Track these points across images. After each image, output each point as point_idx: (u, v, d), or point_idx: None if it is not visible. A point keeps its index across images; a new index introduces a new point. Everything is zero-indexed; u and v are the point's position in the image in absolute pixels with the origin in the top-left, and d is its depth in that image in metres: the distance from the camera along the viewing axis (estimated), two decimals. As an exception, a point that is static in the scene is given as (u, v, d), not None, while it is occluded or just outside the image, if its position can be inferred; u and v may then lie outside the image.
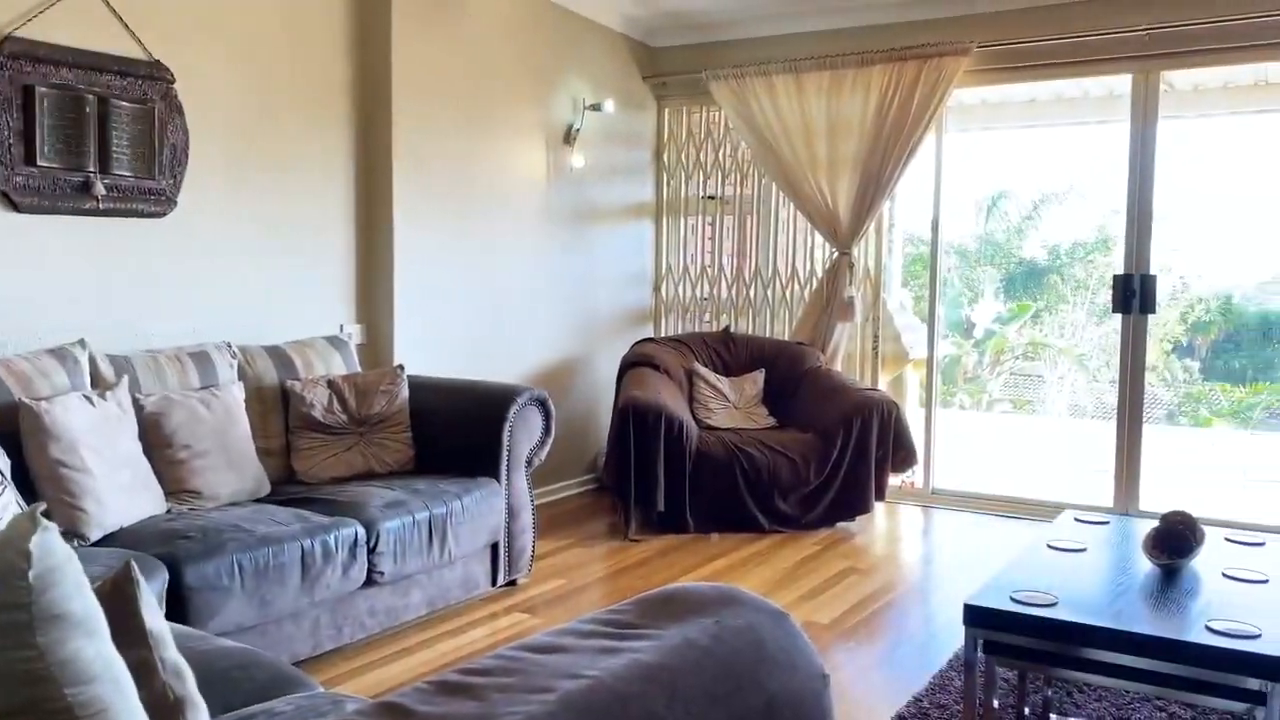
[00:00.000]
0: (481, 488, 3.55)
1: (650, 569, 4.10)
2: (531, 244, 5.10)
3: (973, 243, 19.80)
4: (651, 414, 4.49)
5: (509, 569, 3.72)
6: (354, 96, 4.25)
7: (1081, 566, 2.54)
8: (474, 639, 3.32)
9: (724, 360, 5.41)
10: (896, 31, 5.23)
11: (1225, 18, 4.49)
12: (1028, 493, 6.20)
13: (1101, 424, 13.60)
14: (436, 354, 4.52)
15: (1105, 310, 17.24)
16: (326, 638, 3.05)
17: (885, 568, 4.21)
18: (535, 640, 1.22)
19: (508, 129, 4.89)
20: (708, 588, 1.35)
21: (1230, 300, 20.96)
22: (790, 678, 1.24)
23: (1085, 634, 2.13)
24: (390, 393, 3.71)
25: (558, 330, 5.34)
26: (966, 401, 16.74)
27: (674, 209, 6.13)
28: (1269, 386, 17.82)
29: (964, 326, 18.00)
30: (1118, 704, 2.82)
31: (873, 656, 3.22)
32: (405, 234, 4.34)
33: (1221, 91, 6.40)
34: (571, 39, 5.30)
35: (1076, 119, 7.13)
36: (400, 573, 3.21)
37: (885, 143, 5.18)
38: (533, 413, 3.76)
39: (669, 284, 6.14)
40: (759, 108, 5.48)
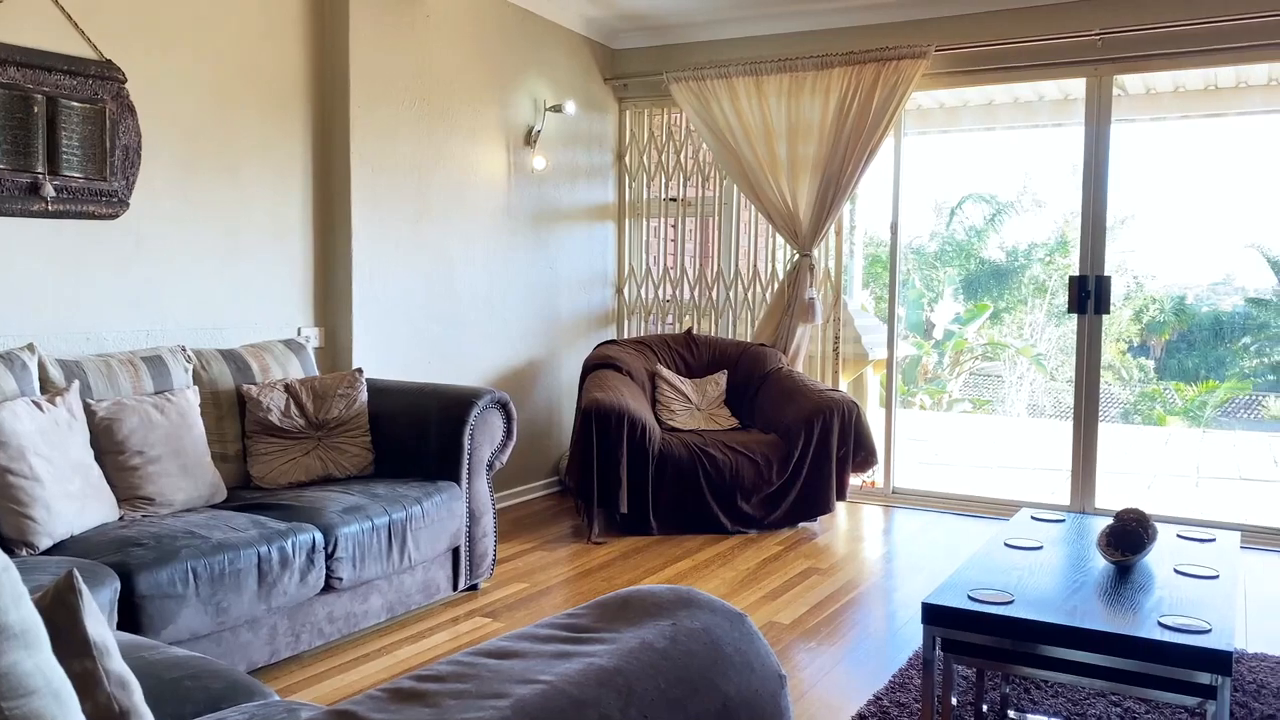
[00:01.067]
0: (442, 492, 3.52)
1: (613, 571, 4.09)
2: (492, 246, 5.08)
3: (933, 244, 20.02)
4: (614, 416, 4.49)
5: (470, 573, 3.70)
6: (311, 97, 4.20)
7: (1038, 564, 2.57)
8: (435, 644, 3.29)
9: (686, 362, 5.42)
10: (855, 35, 5.27)
11: (1175, 23, 4.57)
12: (987, 491, 6.28)
13: (1059, 423, 13.82)
14: (396, 357, 4.48)
15: (1062, 311, 17.53)
16: (284, 645, 3.01)
17: (846, 567, 4.24)
18: (490, 645, 1.21)
19: (468, 130, 4.86)
20: (665, 590, 1.35)
21: (1183, 301, 21.37)
22: (747, 679, 1.24)
23: (1041, 631, 2.15)
24: (349, 396, 3.67)
25: (520, 332, 5.32)
26: (927, 401, 16.91)
27: (636, 211, 6.13)
28: (1221, 385, 18.18)
29: (924, 327, 18.19)
30: (1074, 700, 2.85)
31: (834, 656, 3.23)
32: (364, 236, 4.30)
33: (1173, 96, 6.52)
34: (532, 40, 5.29)
35: (1033, 122, 7.22)
36: (359, 578, 3.18)
37: (845, 145, 5.22)
38: (494, 416, 3.74)
39: (631, 286, 6.14)
40: (719, 110, 5.50)
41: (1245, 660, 3.16)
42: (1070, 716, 2.77)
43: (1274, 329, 20.58)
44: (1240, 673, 3.04)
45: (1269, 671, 3.07)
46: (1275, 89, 6.35)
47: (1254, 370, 20.12)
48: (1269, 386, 19.84)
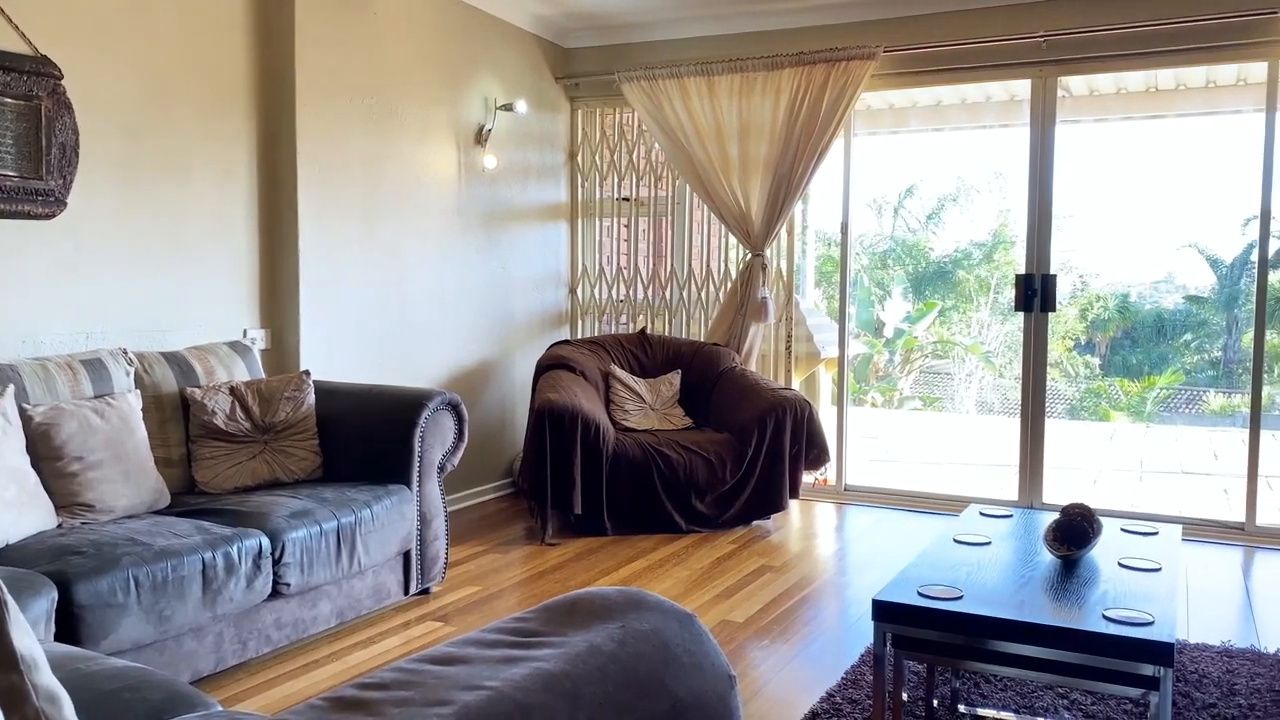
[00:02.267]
0: (392, 495, 3.48)
1: (567, 573, 4.07)
2: (443, 246, 5.03)
3: (882, 243, 20.23)
4: (568, 416, 4.47)
5: (422, 577, 3.66)
6: (256, 95, 4.13)
7: (986, 560, 2.60)
8: (385, 649, 3.25)
9: (640, 362, 5.41)
10: (805, 35, 5.30)
11: (1116, 25, 4.65)
12: (937, 488, 6.35)
13: (1007, 419, 14.04)
14: (345, 359, 4.42)
15: (1009, 309, 17.81)
16: (230, 653, 2.95)
17: (799, 565, 4.26)
18: (436, 652, 1.19)
19: (417, 129, 4.81)
20: (614, 592, 1.34)
21: (1127, 299, 21.83)
22: (697, 681, 1.23)
23: (989, 626, 2.17)
24: (296, 399, 3.61)
25: (471, 333, 5.28)
26: (878, 399, 17.08)
27: (589, 210, 6.11)
28: (1162, 381, 18.59)
29: (875, 325, 18.38)
30: (1023, 693, 2.89)
31: (787, 653, 3.24)
32: (311, 236, 4.24)
33: (1115, 97, 6.64)
34: (482, 38, 5.25)
35: (979, 123, 7.32)
36: (307, 584, 3.13)
37: (795, 145, 5.25)
38: (445, 418, 3.70)
39: (585, 286, 6.12)
40: (671, 109, 5.50)
41: (1187, 651, 3.22)
42: (1019, 709, 2.80)
43: (1213, 326, 21.10)
44: (1182, 663, 3.11)
45: (1210, 661, 3.13)
46: (1213, 91, 6.50)
47: (1194, 366, 20.61)
48: (1209, 382, 20.33)
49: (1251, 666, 3.09)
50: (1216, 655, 3.19)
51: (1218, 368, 20.64)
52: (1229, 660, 3.14)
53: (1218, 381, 20.21)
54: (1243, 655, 3.19)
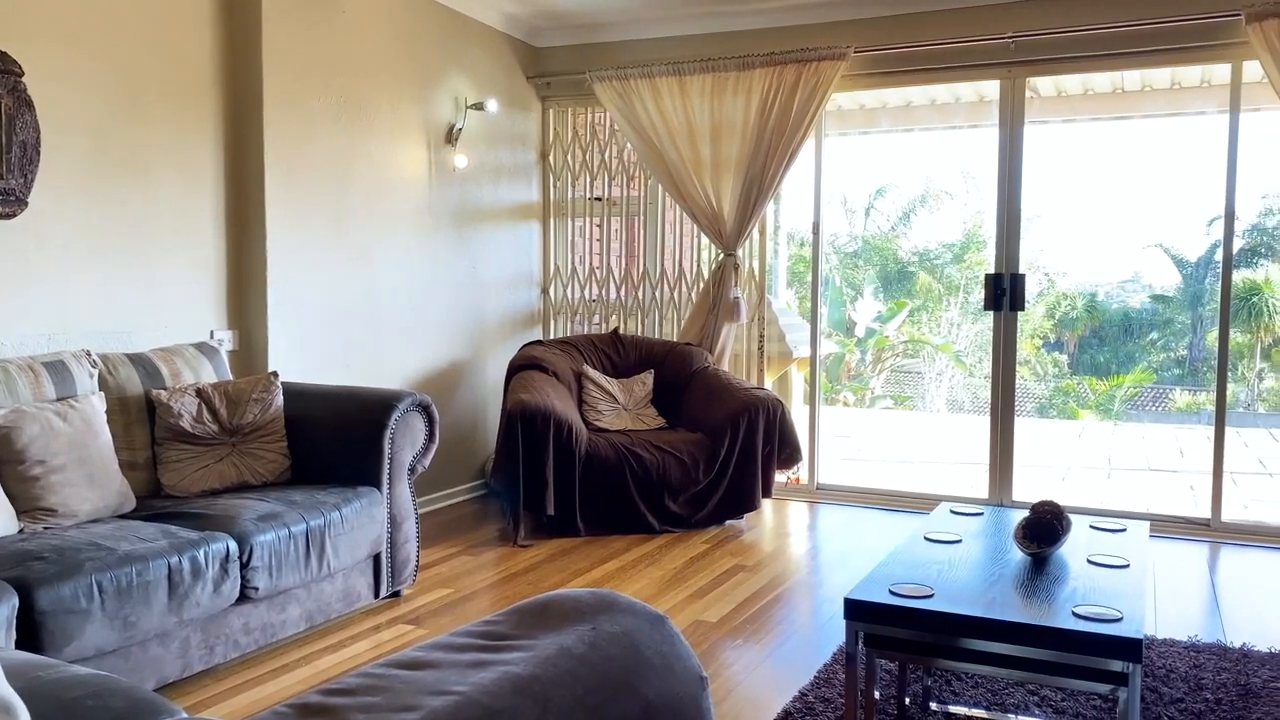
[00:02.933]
0: (362, 497, 3.45)
1: (540, 574, 4.05)
2: (413, 246, 4.99)
3: (854, 243, 20.34)
4: (540, 417, 4.45)
5: (392, 580, 3.63)
6: (223, 93, 4.08)
7: (957, 558, 2.61)
8: (356, 653, 3.22)
9: (613, 362, 5.40)
10: (776, 36, 5.31)
11: (1083, 27, 4.70)
12: (909, 486, 6.38)
13: (977, 418, 14.16)
14: (314, 360, 4.37)
15: (978, 308, 17.96)
16: (197, 658, 2.91)
17: (772, 564, 4.26)
18: (404, 656, 1.17)
19: (387, 128, 4.77)
20: (585, 594, 1.33)
21: (1094, 298, 22.07)
22: (668, 682, 1.22)
23: (960, 624, 2.18)
24: (264, 401, 3.57)
25: (443, 334, 5.24)
26: (850, 398, 17.16)
27: (561, 210, 6.09)
28: (1131, 380, 18.81)
29: (846, 325, 18.47)
30: (993, 690, 2.90)
31: (760, 653, 3.24)
32: (279, 236, 4.19)
33: (1083, 98, 6.71)
34: (452, 37, 5.21)
35: (949, 123, 7.37)
36: (276, 588, 3.09)
37: (767, 145, 5.25)
38: (415, 419, 3.67)
39: (557, 286, 6.10)
40: (643, 109, 5.49)
41: (1155, 646, 3.26)
42: (990, 706, 2.82)
43: (1178, 325, 21.39)
44: (1150, 658, 3.14)
45: (1177, 656, 3.16)
46: (1178, 93, 6.58)
47: (1161, 365, 20.88)
48: (1174, 380, 20.60)
49: (1218, 661, 3.13)
50: (1184, 650, 3.22)
51: (1183, 366, 20.93)
52: (1196, 655, 3.18)
53: (1183, 379, 20.50)
54: (1209, 650, 3.23)
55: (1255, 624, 3.54)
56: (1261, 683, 2.96)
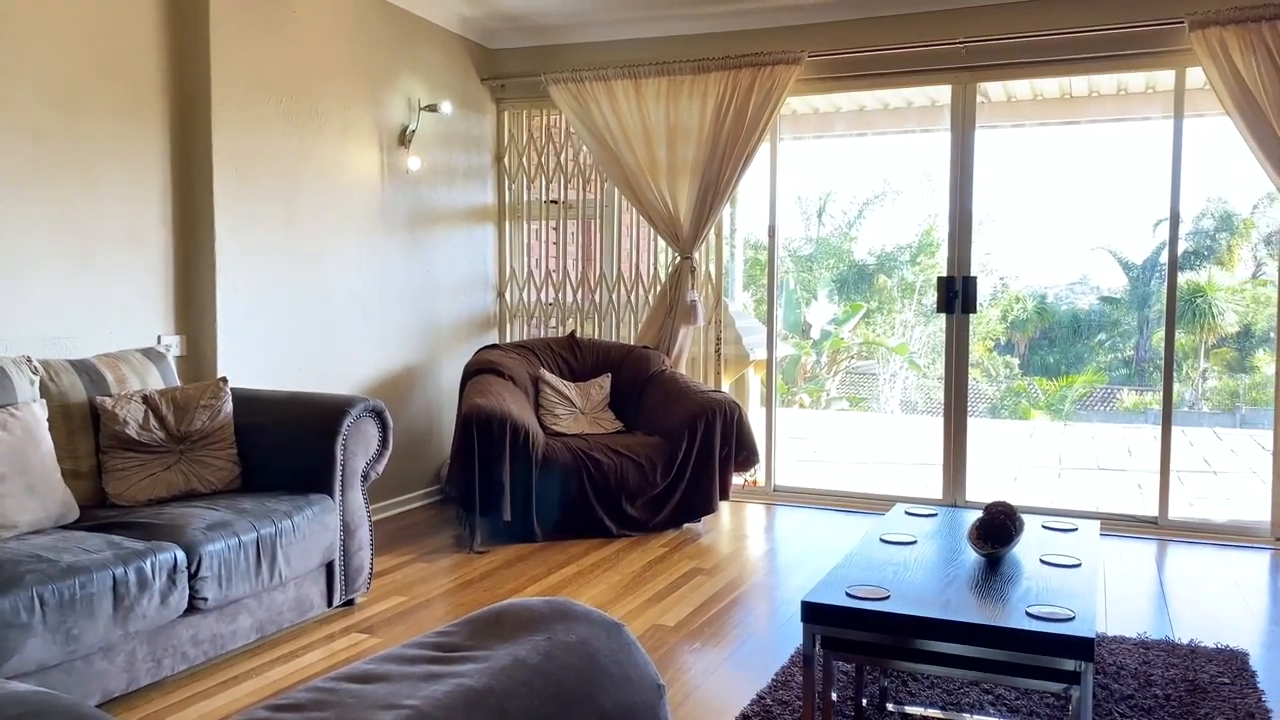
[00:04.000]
0: (314, 505, 3.39)
1: (496, 581, 4.02)
2: (366, 249, 4.93)
3: (809, 247, 20.50)
4: (496, 422, 4.41)
5: (346, 588, 3.57)
6: (170, 94, 4.00)
7: (912, 559, 2.63)
8: (308, 663, 3.17)
9: (570, 365, 5.38)
10: (731, 40, 5.32)
11: (1032, 33, 4.76)
12: (864, 487, 6.43)
13: (931, 419, 14.33)
14: (265, 365, 4.30)
15: (931, 310, 18.20)
16: (144, 672, 2.84)
17: (730, 567, 4.26)
18: (354, 669, 1.14)
19: (339, 130, 4.71)
20: (540, 603, 1.31)
21: (1044, 300, 22.46)
22: (624, 691, 1.20)
23: (916, 626, 2.19)
24: (213, 407, 3.50)
25: (396, 338, 5.18)
26: (806, 400, 17.28)
27: (516, 213, 6.06)
28: (1082, 381, 19.16)
29: (802, 327, 18.60)
30: (949, 690, 2.93)
31: (718, 656, 3.24)
32: (228, 239, 4.12)
33: (1032, 103, 6.82)
34: (405, 38, 5.16)
35: (902, 128, 7.45)
36: (226, 598, 3.03)
37: (723, 149, 5.27)
38: (368, 425, 3.62)
39: (513, 289, 6.06)
40: (599, 112, 5.48)
41: (1106, 643, 3.30)
42: (946, 706, 2.84)
43: (1125, 326, 21.83)
44: (1101, 655, 3.18)
45: (1127, 653, 3.21)
46: (1124, 98, 6.71)
47: (1109, 365, 21.30)
48: (1122, 380, 21.01)
49: (1166, 657, 3.18)
50: (1134, 647, 3.27)
51: (1130, 366, 21.37)
52: (1145, 652, 3.23)
53: (1131, 380, 20.93)
54: (1158, 646, 3.28)
55: (1202, 620, 3.60)
56: (1209, 678, 3.01)
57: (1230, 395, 19.90)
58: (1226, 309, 19.77)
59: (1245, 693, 2.90)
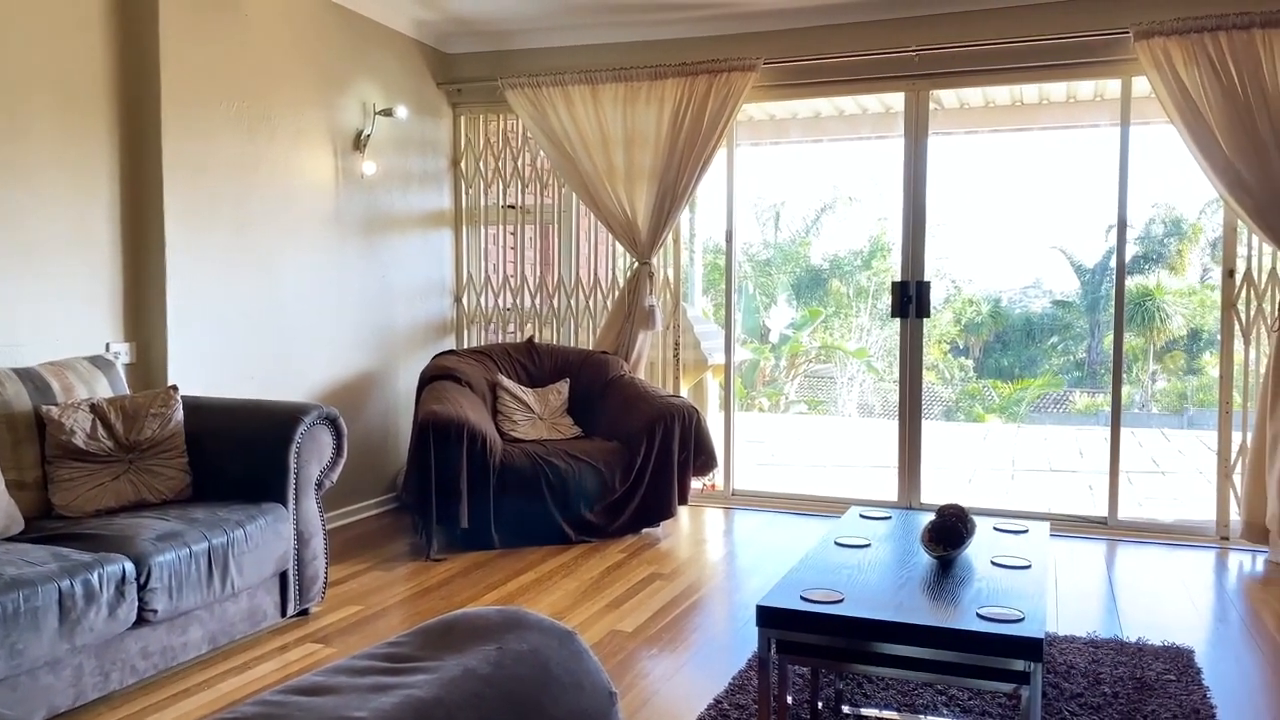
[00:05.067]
0: (267, 514, 3.35)
1: (453, 589, 3.99)
2: (320, 254, 4.88)
3: (767, 252, 20.63)
4: (453, 428, 4.38)
5: (300, 598, 3.53)
6: (118, 96, 3.93)
7: (866, 562, 2.65)
8: (261, 674, 3.12)
9: (528, 371, 5.36)
10: (687, 46, 5.35)
11: (984, 42, 4.84)
12: (821, 490, 6.48)
13: (887, 422, 14.47)
14: (216, 373, 4.24)
15: (887, 314, 18.38)
16: (91, 686, 2.78)
17: (688, 571, 4.27)
18: (303, 681, 1.13)
19: (292, 134, 4.66)
20: (492, 612, 1.31)
21: (998, 304, 22.78)
22: (576, 700, 1.20)
23: (869, 628, 2.21)
24: (163, 415, 3.45)
25: (351, 344, 5.14)
26: (766, 404, 17.37)
27: (473, 218, 6.03)
28: (1037, 385, 19.45)
29: (761, 332, 18.71)
30: (904, 691, 2.96)
31: (676, 662, 3.25)
32: (179, 245, 4.06)
33: (984, 110, 6.92)
34: (359, 42, 5.12)
35: (857, 134, 7.52)
36: (176, 609, 2.98)
37: (680, 155, 5.28)
38: (322, 432, 3.58)
39: (470, 295, 6.04)
40: (556, 117, 5.47)
41: (1056, 643, 3.36)
42: (901, 708, 2.87)
43: (1078, 329, 22.20)
44: (1051, 655, 3.23)
45: (1077, 652, 3.27)
46: (1073, 106, 6.83)
47: (1061, 367, 21.66)
48: (1074, 382, 21.37)
49: (1115, 655, 3.24)
50: (1083, 646, 3.33)
51: (1082, 369, 21.75)
52: (1095, 650, 3.29)
53: (1082, 382, 21.30)
54: (1107, 645, 3.34)
55: (1149, 618, 3.67)
56: (1155, 675, 3.07)
57: (1179, 397, 20.32)
58: (1175, 312, 20.20)
59: (1191, 689, 2.96)
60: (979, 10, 4.87)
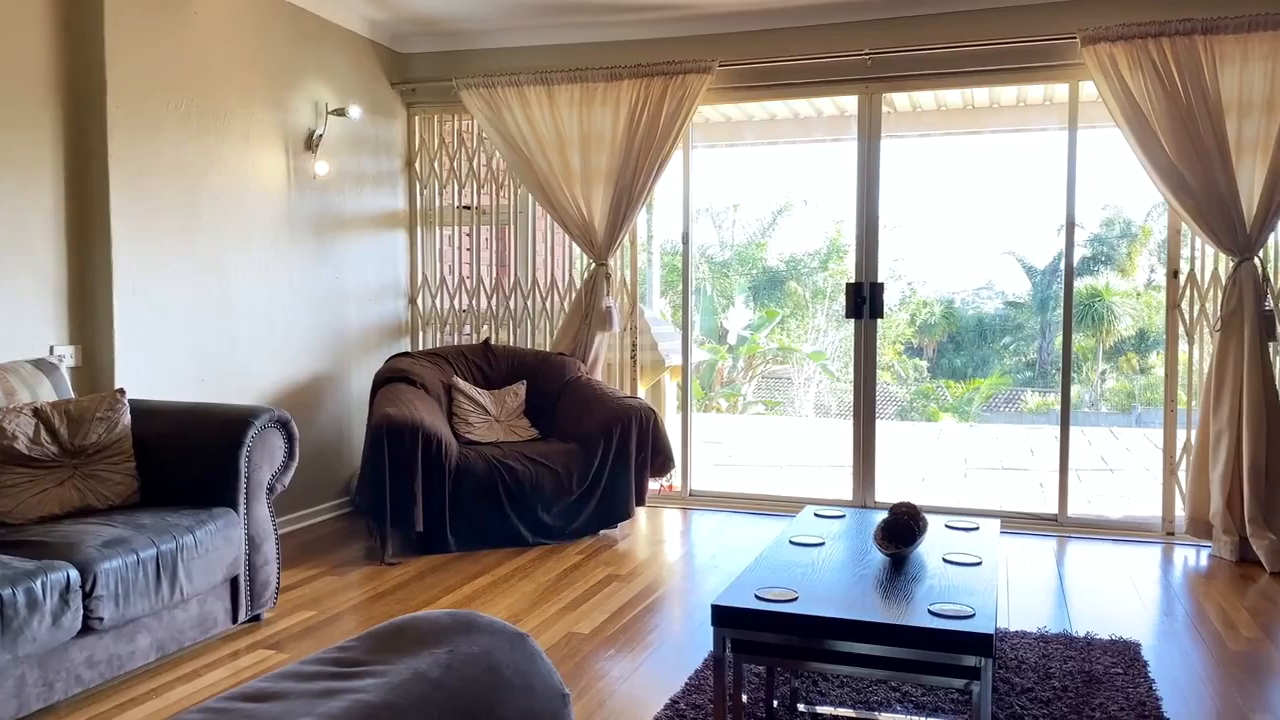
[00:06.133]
0: (217, 519, 3.29)
1: (408, 593, 3.96)
2: (272, 255, 4.82)
3: (725, 254, 20.72)
4: (408, 431, 4.35)
5: (251, 604, 3.48)
6: (62, 94, 3.85)
7: (820, 561, 2.67)
8: (212, 682, 3.07)
9: (484, 373, 5.33)
10: (644, 48, 5.35)
11: (935, 45, 4.90)
12: (778, 490, 6.52)
13: (843, 421, 14.60)
14: (165, 376, 4.17)
15: (843, 315, 18.52)
16: (35, 696, 2.72)
17: (646, 572, 4.28)
18: (250, 687, 1.12)
19: (242, 134, 4.60)
20: (442, 615, 1.30)
21: (952, 304, 23.08)
22: (528, 702, 1.20)
23: (823, 626, 2.23)
24: (109, 419, 3.38)
25: (304, 347, 5.07)
26: (724, 405, 17.44)
27: (428, 219, 5.99)
28: (989, 383, 19.73)
29: (718, 333, 18.79)
30: (858, 689, 2.98)
31: (632, 662, 3.25)
32: (126, 246, 3.98)
33: (936, 113, 7.01)
34: (311, 41, 5.06)
35: (811, 137, 7.58)
36: (123, 617, 2.92)
37: (636, 156, 5.29)
38: (274, 436, 3.53)
39: (425, 296, 5.99)
40: (512, 118, 5.45)
41: (1007, 638, 3.41)
42: (856, 705, 2.89)
43: (1029, 329, 22.56)
44: (1003, 650, 3.28)
45: (1027, 647, 3.32)
46: (1023, 109, 6.94)
47: (1013, 367, 21.98)
48: (1026, 382, 21.71)
49: (1064, 650, 3.29)
50: (1034, 641, 3.38)
51: (1034, 368, 22.11)
52: (1045, 645, 3.34)
53: (1034, 381, 21.65)
54: (1056, 640, 3.39)
55: (1098, 613, 3.74)
56: (1103, 669, 3.13)
57: (1127, 396, 20.74)
58: (1123, 313, 20.61)
59: (1137, 682, 3.02)
60: (931, 14, 4.93)
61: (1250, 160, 4.44)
